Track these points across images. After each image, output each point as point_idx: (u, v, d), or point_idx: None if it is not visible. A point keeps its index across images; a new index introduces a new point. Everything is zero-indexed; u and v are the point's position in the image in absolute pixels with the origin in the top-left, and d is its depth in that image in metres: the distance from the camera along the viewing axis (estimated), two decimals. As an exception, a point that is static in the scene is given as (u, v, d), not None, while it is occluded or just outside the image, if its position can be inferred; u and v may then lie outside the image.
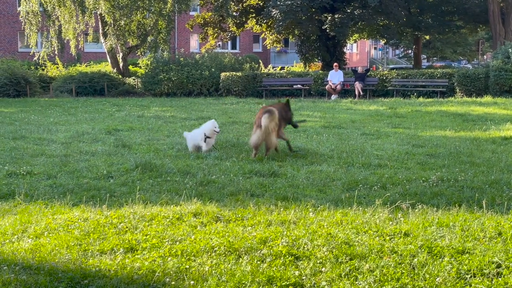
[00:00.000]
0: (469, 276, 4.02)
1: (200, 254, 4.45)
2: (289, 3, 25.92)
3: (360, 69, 24.97)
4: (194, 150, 9.34)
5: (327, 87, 22.99)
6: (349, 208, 5.73)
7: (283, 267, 4.19)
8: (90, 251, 4.54)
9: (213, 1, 29.58)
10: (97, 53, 36.80)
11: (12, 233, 5.04)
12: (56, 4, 25.66)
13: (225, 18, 29.51)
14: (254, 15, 31.15)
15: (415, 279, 3.98)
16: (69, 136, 11.49)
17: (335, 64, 23.96)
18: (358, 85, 22.39)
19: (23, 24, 26.45)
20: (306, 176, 7.36)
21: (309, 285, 3.92)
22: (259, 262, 4.28)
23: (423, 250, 4.46)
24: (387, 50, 67.84)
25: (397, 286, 3.89)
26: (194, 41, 43.77)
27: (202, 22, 31.68)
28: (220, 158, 8.66)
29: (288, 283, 3.92)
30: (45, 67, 27.60)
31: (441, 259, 4.28)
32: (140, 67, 27.36)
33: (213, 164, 8.18)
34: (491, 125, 12.69)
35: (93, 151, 9.57)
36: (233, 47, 45.07)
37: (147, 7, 26.09)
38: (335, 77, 23.03)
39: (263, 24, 30.86)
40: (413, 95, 21.73)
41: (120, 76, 26.69)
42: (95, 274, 4.07)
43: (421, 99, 20.49)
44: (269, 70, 28.37)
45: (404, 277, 3.99)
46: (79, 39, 27.29)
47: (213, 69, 24.44)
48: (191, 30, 34.80)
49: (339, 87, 22.75)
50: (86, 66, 28.05)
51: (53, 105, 19.48)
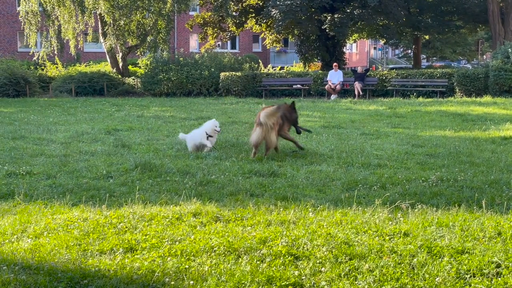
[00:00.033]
0: (469, 276, 4.02)
1: (199, 254, 4.45)
2: (289, 3, 25.90)
3: (359, 69, 24.97)
4: (194, 150, 9.34)
5: (326, 87, 22.99)
6: (349, 208, 5.73)
7: (282, 267, 4.19)
8: (89, 251, 4.54)
9: (212, 1, 29.56)
10: (97, 53, 36.79)
11: (11, 233, 5.04)
12: (55, 4, 25.66)
13: (224, 18, 29.49)
14: (253, 15, 31.14)
15: (414, 279, 3.98)
16: (69, 136, 11.49)
17: (335, 64, 23.96)
18: (357, 85, 22.39)
19: (22, 24, 26.45)
20: (305, 176, 7.36)
21: (308, 285, 3.92)
22: (258, 262, 4.28)
23: (422, 250, 4.46)
24: (387, 50, 67.80)
25: (397, 286, 3.89)
26: (193, 41, 43.76)
27: (201, 22, 31.66)
28: (219, 158, 8.66)
29: (287, 283, 3.92)
30: (45, 67, 27.60)
31: (440, 259, 4.28)
32: (139, 67, 27.34)
33: (213, 164, 8.18)
34: (491, 125, 12.70)
35: (93, 151, 9.57)
36: (233, 47, 45.05)
37: (146, 7, 26.09)
38: (335, 77, 23.03)
39: (262, 24, 30.85)
40: (412, 95, 21.74)
41: (119, 76, 26.70)
42: (94, 274, 4.07)
43: (420, 99, 20.50)
44: (268, 70, 28.38)
45: (403, 277, 3.99)
46: (79, 39, 27.30)
47: (213, 69, 24.43)
48: (191, 30, 34.81)
49: (338, 87, 22.75)
50: (85, 66, 28.03)
51: (52, 105, 19.48)
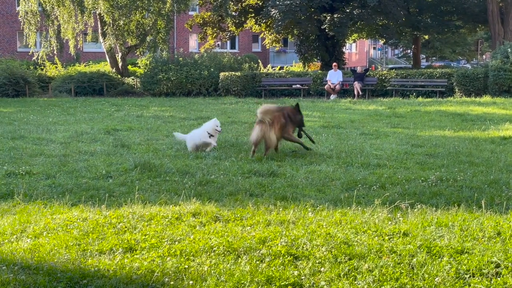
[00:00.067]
0: (468, 276, 4.02)
1: (199, 254, 4.45)
2: (288, 3, 25.90)
3: (359, 69, 24.98)
4: (193, 149, 9.34)
5: (326, 87, 22.99)
6: (348, 208, 5.73)
7: (282, 267, 4.19)
8: (89, 251, 4.54)
9: (212, 1, 29.54)
10: (96, 53, 36.80)
11: (11, 233, 5.03)
12: (55, 3, 25.65)
13: (224, 17, 29.48)
14: (253, 14, 31.14)
15: (414, 279, 3.98)
16: (68, 136, 11.48)
17: (334, 64, 23.96)
18: (357, 85, 22.39)
19: (22, 23, 26.44)
20: (305, 176, 7.36)
21: (308, 285, 3.92)
22: (258, 262, 4.28)
23: (422, 250, 4.46)
24: (386, 50, 67.88)
25: (396, 286, 3.89)
26: (193, 41, 43.76)
27: (201, 22, 31.66)
28: (219, 158, 8.66)
29: (287, 283, 3.92)
30: (44, 67, 27.59)
31: (440, 259, 4.28)
32: (139, 67, 27.35)
33: (212, 164, 8.18)
34: (490, 125, 12.70)
35: (92, 151, 9.56)
36: (232, 46, 45.06)
37: (146, 7, 26.08)
38: (334, 77, 23.03)
39: (262, 23, 30.85)
40: (412, 95, 21.74)
41: (119, 76, 26.69)
42: (94, 274, 4.07)
43: (420, 99, 20.50)
44: (268, 70, 28.38)
45: (403, 277, 3.99)
46: (78, 39, 27.29)
47: (212, 69, 24.42)
48: (190, 30, 34.81)
49: (338, 87, 22.76)
50: (85, 66, 28.03)
51: (52, 105, 19.48)
